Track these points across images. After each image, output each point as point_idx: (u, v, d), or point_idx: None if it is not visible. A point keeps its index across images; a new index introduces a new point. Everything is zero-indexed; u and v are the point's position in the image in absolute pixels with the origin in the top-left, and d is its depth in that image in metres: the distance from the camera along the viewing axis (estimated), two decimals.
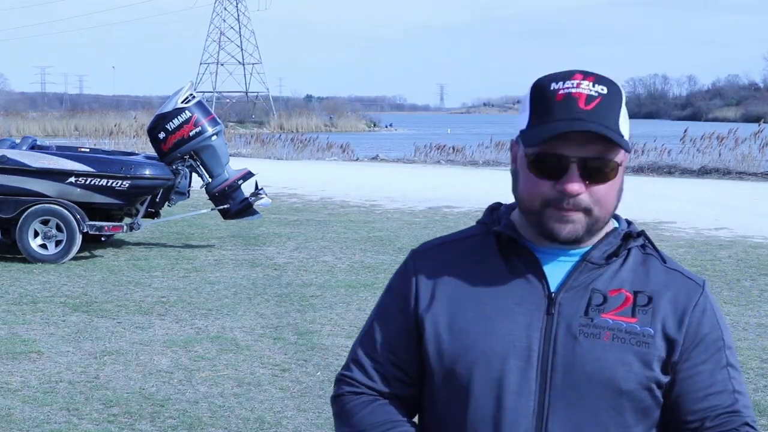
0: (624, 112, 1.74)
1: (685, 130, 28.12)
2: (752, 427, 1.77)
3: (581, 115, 1.67)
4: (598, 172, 1.70)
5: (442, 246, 1.88)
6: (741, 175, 24.51)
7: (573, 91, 1.69)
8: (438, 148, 32.20)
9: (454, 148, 31.78)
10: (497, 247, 1.81)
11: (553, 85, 1.71)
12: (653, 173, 25.56)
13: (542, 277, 1.76)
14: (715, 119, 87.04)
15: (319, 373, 6.80)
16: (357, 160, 33.13)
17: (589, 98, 1.69)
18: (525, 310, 1.75)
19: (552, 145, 1.68)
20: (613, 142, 1.68)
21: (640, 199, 18.41)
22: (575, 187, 1.68)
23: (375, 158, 33.48)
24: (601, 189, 1.71)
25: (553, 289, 1.76)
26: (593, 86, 1.70)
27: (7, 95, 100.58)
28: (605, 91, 1.70)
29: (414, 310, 1.82)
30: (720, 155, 26.02)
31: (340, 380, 1.91)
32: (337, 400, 1.90)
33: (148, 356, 7.23)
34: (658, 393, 1.75)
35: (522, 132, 1.74)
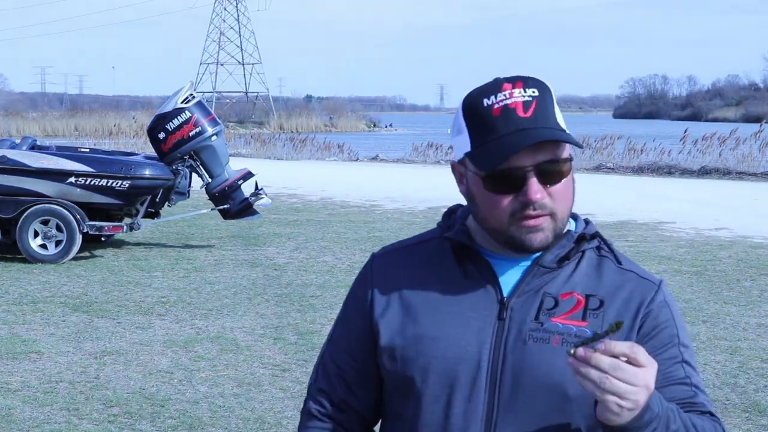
0: (558, 109, 1.73)
1: (685, 131, 28.11)
2: (716, 417, 1.73)
3: (524, 124, 1.66)
4: (554, 172, 1.69)
5: (401, 250, 1.89)
6: (741, 175, 24.51)
7: (508, 102, 1.68)
8: (438, 148, 32.20)
9: (454, 148, 31.70)
10: (452, 253, 1.81)
11: (486, 101, 1.69)
12: (653, 173, 25.56)
13: (495, 283, 1.76)
14: (715, 119, 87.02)
15: None
16: (357, 160, 33.14)
17: (526, 105, 1.67)
18: (478, 315, 1.74)
19: (505, 161, 1.67)
20: (563, 141, 1.68)
21: (640, 199, 18.41)
22: (538, 195, 1.67)
23: (375, 158, 33.48)
24: (559, 188, 1.70)
25: (505, 294, 1.75)
26: (524, 91, 1.69)
27: (7, 95, 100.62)
28: (537, 93, 1.69)
29: (370, 315, 1.83)
30: (720, 155, 26.02)
31: (309, 394, 1.94)
32: (302, 420, 1.94)
33: (148, 356, 7.23)
34: None
35: (468, 154, 1.73)
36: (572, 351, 1.52)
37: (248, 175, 12.48)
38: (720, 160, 25.76)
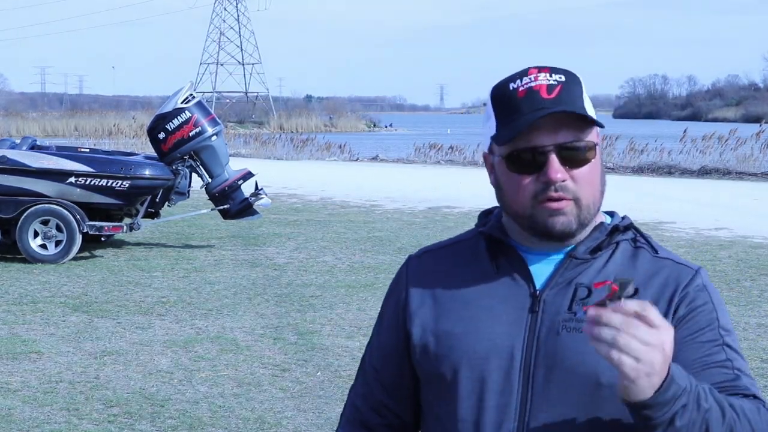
0: (587, 98, 1.74)
1: (685, 131, 28.12)
2: (760, 399, 1.67)
3: (546, 104, 1.68)
4: (576, 154, 1.69)
5: (438, 251, 1.90)
6: (741, 175, 24.51)
7: (532, 84, 1.70)
8: (438, 148, 32.21)
9: (453, 148, 31.79)
10: (486, 249, 1.81)
11: (512, 85, 1.72)
12: (653, 173, 25.56)
13: (528, 276, 1.76)
14: (715, 119, 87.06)
15: (319, 373, 6.80)
16: (357, 160, 33.14)
17: (550, 87, 1.69)
18: (509, 308, 1.75)
19: (526, 139, 1.68)
20: (583, 120, 1.69)
21: (640, 199, 18.40)
22: (558, 174, 1.67)
23: (375, 158, 33.48)
24: (583, 172, 1.70)
25: (538, 287, 1.75)
26: (550, 76, 1.71)
27: (7, 95, 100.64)
28: (563, 79, 1.71)
29: (404, 315, 1.84)
30: (720, 155, 26.02)
31: (348, 398, 1.95)
32: (340, 422, 1.96)
33: (148, 356, 7.23)
34: None
35: (493, 137, 1.74)
36: (584, 310, 1.50)
37: (248, 175, 12.48)
38: (720, 160, 25.76)
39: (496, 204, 1.91)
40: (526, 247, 1.78)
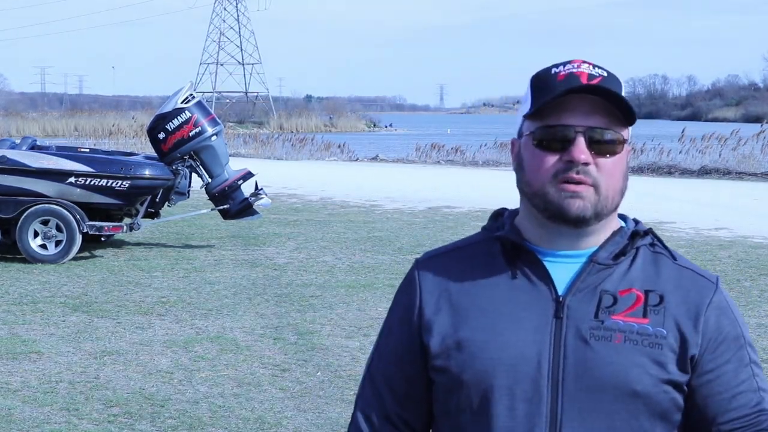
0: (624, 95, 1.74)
1: (683, 130, 28.13)
2: None
3: (582, 86, 1.68)
4: (604, 143, 1.69)
5: (446, 255, 1.85)
6: (741, 175, 24.51)
7: (574, 70, 1.71)
8: (438, 149, 32.20)
9: (454, 149, 31.79)
10: (501, 253, 1.78)
11: (554, 70, 1.73)
12: (653, 173, 25.56)
13: (549, 281, 1.73)
14: (715, 119, 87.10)
15: (319, 373, 6.80)
16: (357, 160, 33.13)
17: (591, 76, 1.70)
18: (532, 315, 1.72)
19: (557, 117, 1.68)
20: (616, 115, 1.69)
21: (640, 199, 18.40)
22: (583, 156, 1.67)
23: (375, 158, 33.48)
24: (607, 162, 1.69)
25: (560, 292, 1.72)
26: (593, 68, 1.72)
27: (7, 95, 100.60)
28: (605, 73, 1.72)
29: (419, 321, 1.80)
30: (720, 155, 26.02)
31: (356, 407, 1.89)
32: None
33: (148, 356, 7.23)
34: (676, 395, 1.71)
35: (524, 115, 1.74)
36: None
37: (248, 175, 12.48)
38: (720, 160, 25.76)
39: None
40: (544, 249, 1.76)
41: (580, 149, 1.67)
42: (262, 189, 12.56)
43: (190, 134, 11.94)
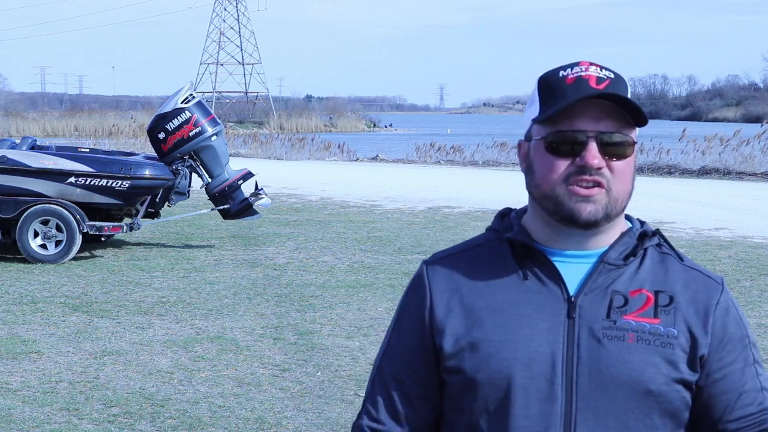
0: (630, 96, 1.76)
1: (684, 130, 28.13)
2: None
3: (594, 93, 1.69)
4: (615, 146, 1.71)
5: (455, 256, 1.86)
6: (741, 175, 24.51)
7: (583, 74, 1.72)
8: (438, 148, 32.20)
9: (454, 148, 31.79)
10: (511, 254, 1.79)
11: (562, 73, 1.74)
12: (653, 173, 25.57)
13: (560, 282, 1.75)
14: (714, 119, 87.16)
15: (319, 373, 6.80)
16: (357, 160, 33.13)
17: (600, 79, 1.71)
18: (545, 315, 1.73)
19: (569, 122, 1.70)
20: (625, 119, 1.71)
21: (640, 199, 18.39)
22: (596, 160, 1.68)
23: (375, 158, 33.48)
24: (619, 165, 1.71)
25: (572, 292, 1.74)
26: (601, 70, 1.73)
27: (7, 95, 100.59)
28: (613, 75, 1.74)
29: (430, 322, 1.80)
30: (720, 155, 26.02)
31: (363, 409, 1.87)
32: None
33: (148, 356, 7.23)
34: (686, 394, 1.74)
35: (535, 119, 1.75)
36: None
37: (248, 175, 12.48)
38: (720, 160, 25.76)
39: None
40: (553, 249, 1.77)
41: (593, 154, 1.69)
42: (262, 189, 12.57)
43: (190, 134, 11.94)
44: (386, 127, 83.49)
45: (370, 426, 1.85)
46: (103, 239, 12.17)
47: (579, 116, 1.69)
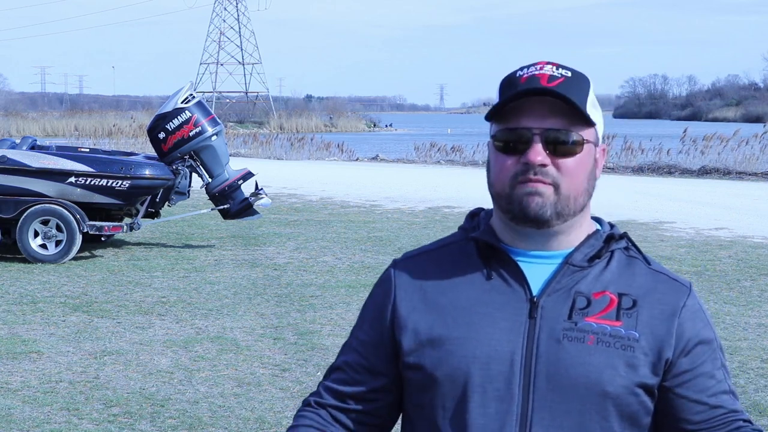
0: (592, 99, 1.76)
1: (685, 130, 28.13)
2: (751, 422, 1.79)
3: (536, 89, 1.70)
4: (561, 143, 1.71)
5: (424, 255, 1.88)
6: (741, 175, 24.51)
7: (536, 72, 1.73)
8: (438, 148, 32.20)
9: (454, 148, 31.79)
10: (477, 254, 1.80)
11: (519, 73, 1.76)
12: (653, 173, 25.56)
13: (523, 282, 1.75)
14: (715, 119, 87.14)
15: (319, 373, 6.79)
16: (357, 160, 33.13)
17: (552, 77, 1.72)
18: (506, 315, 1.74)
19: (515, 121, 1.71)
20: (576, 116, 1.70)
21: (641, 199, 18.41)
22: (538, 157, 1.69)
23: (375, 158, 33.48)
24: (567, 163, 1.71)
25: (535, 293, 1.74)
26: (557, 69, 1.74)
27: (7, 95, 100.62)
28: (569, 74, 1.74)
29: (392, 318, 1.82)
30: (719, 155, 26.02)
31: (313, 393, 1.92)
32: (299, 410, 1.91)
33: (148, 356, 7.23)
34: (646, 398, 1.73)
35: (485, 117, 1.78)
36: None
37: (248, 175, 12.48)
38: (720, 160, 25.76)
39: (479, 207, 1.92)
40: (517, 249, 1.77)
41: (536, 151, 1.69)
42: (262, 189, 12.57)
43: (190, 134, 11.94)
44: (386, 127, 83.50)
45: (313, 400, 1.89)
46: (103, 239, 12.17)
47: (526, 114, 1.71)
